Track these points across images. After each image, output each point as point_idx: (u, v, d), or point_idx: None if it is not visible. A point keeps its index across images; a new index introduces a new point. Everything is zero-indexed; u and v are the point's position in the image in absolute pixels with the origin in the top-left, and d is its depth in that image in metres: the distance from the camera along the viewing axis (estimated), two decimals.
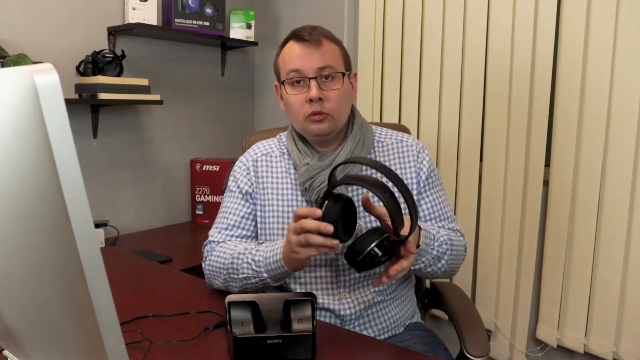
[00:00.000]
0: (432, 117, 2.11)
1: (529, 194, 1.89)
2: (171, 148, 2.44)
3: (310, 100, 1.12)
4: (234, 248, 1.17)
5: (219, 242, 1.22)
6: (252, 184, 1.24)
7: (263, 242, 1.18)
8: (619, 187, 1.70)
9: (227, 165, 2.29)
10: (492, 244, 2.01)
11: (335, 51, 1.16)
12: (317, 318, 1.06)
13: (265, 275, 1.09)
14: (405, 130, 1.59)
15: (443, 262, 1.13)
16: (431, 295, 1.47)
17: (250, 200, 1.24)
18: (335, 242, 0.94)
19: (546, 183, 1.88)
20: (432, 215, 1.23)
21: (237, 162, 1.30)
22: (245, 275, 1.12)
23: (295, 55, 1.14)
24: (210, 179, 2.34)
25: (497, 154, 1.95)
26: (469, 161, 2.03)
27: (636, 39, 1.62)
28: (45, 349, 0.65)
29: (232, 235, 1.23)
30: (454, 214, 2.06)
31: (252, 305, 0.94)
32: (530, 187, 1.88)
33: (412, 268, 1.12)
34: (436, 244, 1.10)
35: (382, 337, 1.19)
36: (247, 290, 1.16)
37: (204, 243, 1.26)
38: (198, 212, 2.38)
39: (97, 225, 1.95)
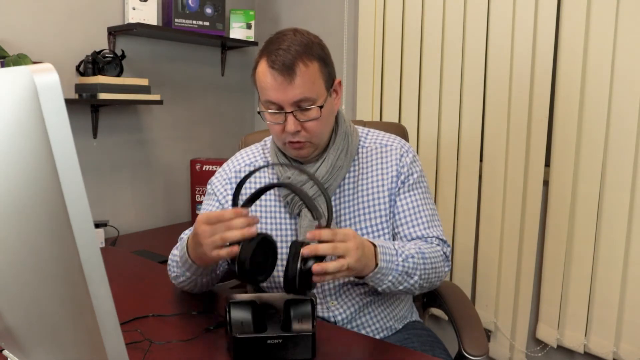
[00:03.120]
0: (432, 117, 2.11)
1: (529, 194, 1.89)
2: (171, 148, 2.44)
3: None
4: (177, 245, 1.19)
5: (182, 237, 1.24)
6: (227, 195, 1.24)
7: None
8: (619, 187, 1.70)
9: None
10: (492, 244, 2.00)
11: (313, 74, 1.06)
12: None
13: (188, 274, 1.11)
14: (402, 130, 1.58)
15: (416, 277, 1.06)
16: (430, 294, 1.47)
17: (223, 207, 1.24)
18: (235, 249, 0.91)
19: (546, 183, 1.88)
20: (405, 220, 1.17)
21: (221, 168, 1.29)
22: (175, 274, 1.16)
23: (268, 85, 1.07)
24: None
25: (497, 154, 1.95)
26: (469, 161, 2.03)
27: (636, 39, 1.62)
28: (45, 349, 0.65)
29: None
30: (454, 213, 2.08)
31: (252, 305, 0.94)
32: (530, 187, 1.88)
33: (379, 288, 1.04)
34: (400, 259, 1.03)
35: (378, 336, 1.19)
36: (184, 289, 1.18)
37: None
38: (198, 212, 2.38)
39: (97, 225, 1.95)
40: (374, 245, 1.01)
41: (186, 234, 1.26)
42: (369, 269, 0.99)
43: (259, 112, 1.13)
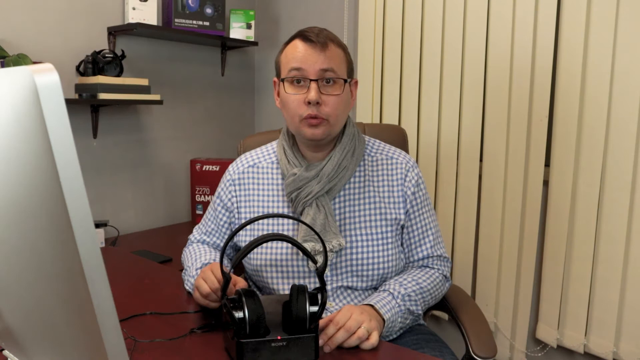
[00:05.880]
0: (432, 118, 2.11)
1: (529, 194, 1.89)
2: (171, 148, 2.44)
3: (309, 103, 1.11)
4: (191, 255, 1.25)
5: (193, 242, 1.32)
6: (232, 197, 1.26)
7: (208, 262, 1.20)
8: (619, 187, 1.70)
9: (226, 165, 2.29)
10: (492, 244, 2.01)
11: (340, 56, 1.15)
12: None
13: None
14: (402, 133, 1.59)
15: (419, 310, 1.14)
16: None
17: (229, 213, 1.27)
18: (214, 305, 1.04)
19: (546, 183, 1.88)
20: (413, 240, 1.22)
21: (226, 171, 1.31)
22: (188, 289, 1.19)
23: (299, 54, 1.12)
24: (210, 179, 2.34)
25: (497, 154, 1.95)
26: (469, 161, 2.03)
27: (636, 39, 1.62)
28: (45, 349, 0.65)
29: (207, 242, 1.30)
30: (454, 213, 2.08)
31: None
32: (530, 187, 1.88)
33: (395, 334, 1.13)
34: (398, 300, 1.09)
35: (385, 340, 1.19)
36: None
37: (189, 236, 1.36)
38: (198, 212, 2.38)
39: (97, 225, 1.95)
40: (370, 305, 1.05)
41: (193, 240, 1.31)
42: (381, 327, 1.04)
43: (281, 80, 1.16)
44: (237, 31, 2.50)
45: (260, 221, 1.21)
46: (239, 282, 1.05)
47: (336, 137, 1.20)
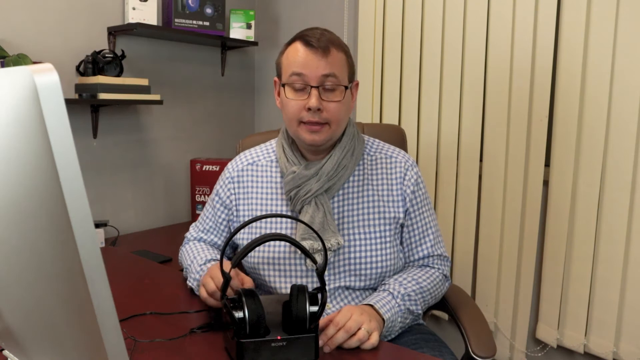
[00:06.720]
0: (432, 118, 2.11)
1: (529, 194, 1.89)
2: (171, 148, 2.44)
3: (309, 109, 1.11)
4: (190, 253, 1.26)
5: (190, 240, 1.33)
6: (231, 194, 1.26)
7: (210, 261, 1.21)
8: (619, 187, 1.70)
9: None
10: (492, 244, 2.00)
11: (342, 61, 1.14)
12: None
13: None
14: (401, 133, 1.59)
15: (419, 310, 1.13)
16: None
17: (228, 210, 1.27)
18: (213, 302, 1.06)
19: (546, 183, 1.88)
20: (413, 239, 1.22)
21: (225, 169, 1.31)
22: (190, 286, 1.20)
23: (300, 59, 1.11)
24: (210, 179, 2.34)
25: (497, 154, 1.95)
26: (469, 161, 2.03)
27: (636, 39, 1.62)
28: (45, 349, 0.65)
29: (204, 240, 1.30)
30: (454, 213, 2.08)
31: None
32: (530, 187, 1.88)
33: (395, 334, 1.12)
34: (398, 299, 1.09)
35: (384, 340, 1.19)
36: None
37: (185, 234, 1.36)
38: (198, 212, 2.38)
39: (97, 225, 1.95)
40: (370, 305, 1.05)
41: (191, 239, 1.31)
42: (381, 327, 1.04)
43: (282, 85, 1.15)
44: (237, 31, 2.50)
45: (266, 212, 1.22)
46: (247, 282, 1.04)
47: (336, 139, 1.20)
